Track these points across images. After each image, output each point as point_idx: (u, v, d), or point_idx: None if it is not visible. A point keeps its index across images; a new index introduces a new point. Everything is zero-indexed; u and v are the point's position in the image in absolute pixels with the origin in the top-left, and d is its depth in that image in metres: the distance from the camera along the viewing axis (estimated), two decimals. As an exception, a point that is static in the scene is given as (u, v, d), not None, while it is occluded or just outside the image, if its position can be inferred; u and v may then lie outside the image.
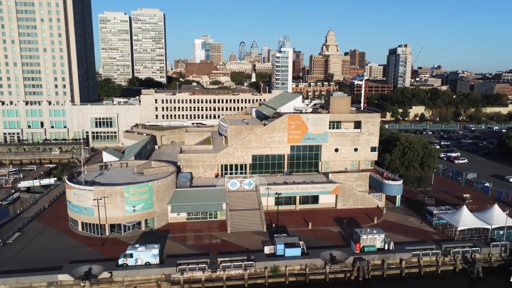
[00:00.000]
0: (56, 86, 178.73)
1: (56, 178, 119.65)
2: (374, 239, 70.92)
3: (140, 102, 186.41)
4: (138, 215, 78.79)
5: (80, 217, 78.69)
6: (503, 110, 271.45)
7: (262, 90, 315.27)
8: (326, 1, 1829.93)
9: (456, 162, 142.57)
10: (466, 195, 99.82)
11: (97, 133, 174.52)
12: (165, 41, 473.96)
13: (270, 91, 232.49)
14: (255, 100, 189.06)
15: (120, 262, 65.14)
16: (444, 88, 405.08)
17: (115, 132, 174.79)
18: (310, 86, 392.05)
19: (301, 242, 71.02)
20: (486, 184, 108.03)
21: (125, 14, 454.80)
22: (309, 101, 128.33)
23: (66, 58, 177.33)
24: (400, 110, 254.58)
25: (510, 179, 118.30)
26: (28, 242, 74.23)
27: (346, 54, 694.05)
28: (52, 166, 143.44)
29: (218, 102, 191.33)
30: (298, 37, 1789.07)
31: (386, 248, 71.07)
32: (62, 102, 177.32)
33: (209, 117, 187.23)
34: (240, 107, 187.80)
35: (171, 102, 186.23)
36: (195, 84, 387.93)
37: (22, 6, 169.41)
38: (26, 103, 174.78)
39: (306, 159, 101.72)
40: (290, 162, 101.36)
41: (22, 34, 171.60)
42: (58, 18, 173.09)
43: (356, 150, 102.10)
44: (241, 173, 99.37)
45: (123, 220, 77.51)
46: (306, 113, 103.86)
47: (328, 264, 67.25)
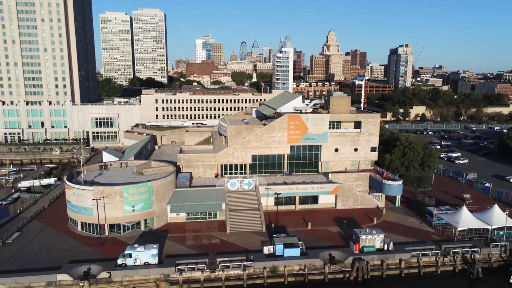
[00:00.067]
0: (56, 86, 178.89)
1: (56, 178, 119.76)
2: (374, 240, 70.77)
3: (140, 102, 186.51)
4: (138, 215, 78.78)
5: (79, 217, 78.70)
6: (504, 110, 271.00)
7: (263, 90, 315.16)
8: (327, 1, 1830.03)
9: (456, 162, 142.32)
10: (466, 195, 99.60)
11: (97, 133, 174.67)
12: (166, 41, 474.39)
13: (271, 91, 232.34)
14: (256, 100, 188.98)
15: (119, 262, 65.13)
16: (445, 88, 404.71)
17: (116, 132, 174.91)
18: (311, 86, 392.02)
19: (300, 242, 70.94)
20: (487, 184, 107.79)
21: (126, 14, 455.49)
22: (309, 101, 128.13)
23: (67, 58, 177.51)
24: (401, 110, 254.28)
25: (511, 179, 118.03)
26: (27, 242, 74.25)
27: (347, 54, 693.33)
28: (52, 166, 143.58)
29: (219, 102, 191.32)
30: (299, 37, 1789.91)
31: (385, 248, 70.90)
32: (63, 102, 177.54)
33: (209, 117, 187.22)
34: (240, 107, 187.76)
35: (172, 102, 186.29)
36: (196, 84, 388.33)
37: (22, 6, 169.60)
38: (27, 103, 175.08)
39: (306, 159, 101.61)
40: (290, 162, 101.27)
41: (22, 34, 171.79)
42: (59, 18, 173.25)
43: (356, 150, 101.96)
44: (240, 173, 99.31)
45: (123, 220, 77.50)
46: (306, 113, 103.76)
47: (327, 264, 67.15)
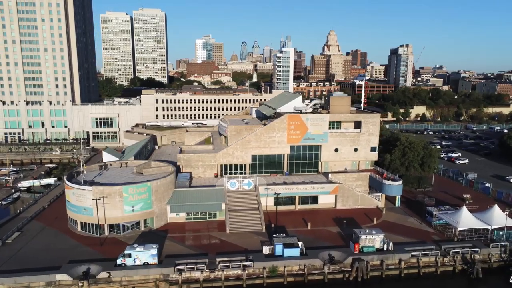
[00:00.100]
0: (57, 86, 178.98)
1: (56, 178, 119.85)
2: (373, 240, 70.71)
3: (140, 102, 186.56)
4: (137, 215, 78.78)
5: (79, 217, 78.73)
6: (505, 110, 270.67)
7: (263, 90, 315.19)
8: (328, 1, 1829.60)
9: (457, 162, 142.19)
10: (466, 196, 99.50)
11: (97, 133, 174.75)
12: (166, 41, 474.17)
13: (271, 91, 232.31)
14: (256, 100, 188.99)
15: (118, 262, 65.13)
16: (445, 88, 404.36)
17: (116, 132, 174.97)
18: (311, 86, 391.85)
19: (300, 242, 70.89)
20: (487, 184, 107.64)
21: (126, 14, 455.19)
22: (309, 101, 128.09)
23: (67, 58, 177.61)
24: (401, 110, 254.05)
25: (511, 180, 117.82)
26: (27, 242, 74.28)
27: (347, 54, 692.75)
28: (52, 166, 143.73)
29: (219, 102, 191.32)
30: (300, 37, 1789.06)
31: (385, 248, 70.83)
32: (63, 102, 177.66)
33: (209, 117, 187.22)
34: (240, 107, 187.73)
35: (172, 102, 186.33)
36: (197, 84, 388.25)
37: (23, 6, 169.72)
38: (27, 103, 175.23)
39: (305, 159, 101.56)
40: (290, 162, 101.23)
41: (23, 34, 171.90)
42: (59, 18, 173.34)
43: (356, 150, 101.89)
44: (240, 173, 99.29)
45: (122, 220, 77.50)
46: (306, 113, 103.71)
47: (326, 264, 67.09)
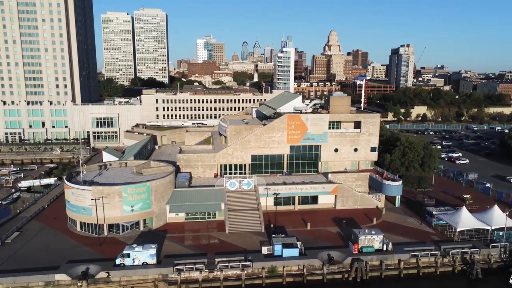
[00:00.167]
0: (57, 86, 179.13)
1: (56, 178, 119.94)
2: (373, 240, 70.58)
3: (141, 102, 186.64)
4: (136, 215, 78.77)
5: (78, 217, 78.75)
6: (506, 110, 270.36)
7: (264, 90, 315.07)
8: (330, 1, 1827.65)
9: (457, 162, 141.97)
10: (466, 196, 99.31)
11: (98, 133, 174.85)
12: (167, 41, 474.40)
13: (272, 91, 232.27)
14: (256, 100, 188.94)
15: (117, 262, 65.14)
16: (446, 88, 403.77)
17: (116, 132, 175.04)
18: (312, 86, 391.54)
19: (299, 242, 70.79)
20: (487, 184, 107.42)
21: (127, 14, 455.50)
22: (309, 101, 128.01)
23: (67, 58, 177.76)
24: (402, 110, 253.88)
25: (511, 180, 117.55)
26: (26, 242, 74.30)
27: (348, 54, 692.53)
28: (52, 165, 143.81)
29: (219, 102, 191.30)
30: (301, 37, 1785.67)
31: (384, 248, 70.71)
32: (63, 102, 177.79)
33: (210, 117, 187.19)
34: (241, 107, 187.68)
35: (172, 102, 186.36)
36: (197, 84, 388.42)
37: (23, 6, 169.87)
38: (28, 103, 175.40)
39: (305, 159, 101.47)
40: (290, 162, 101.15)
41: (23, 34, 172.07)
42: (60, 18, 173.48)
43: (356, 150, 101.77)
44: (240, 173, 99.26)
45: (121, 220, 77.48)
46: (306, 113, 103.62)
47: (326, 264, 67.00)
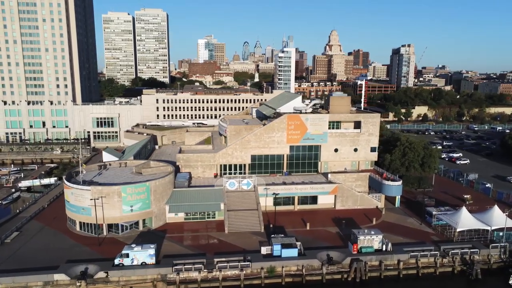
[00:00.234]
0: (58, 86, 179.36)
1: (56, 178, 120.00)
2: (372, 240, 70.44)
3: (141, 102, 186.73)
4: (136, 215, 78.75)
5: (78, 216, 78.77)
6: (507, 110, 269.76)
7: (265, 90, 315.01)
8: (331, 1, 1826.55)
9: (458, 162, 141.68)
10: (466, 196, 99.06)
11: (98, 133, 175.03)
12: (168, 41, 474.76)
13: (272, 91, 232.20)
14: (256, 100, 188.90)
15: (116, 262, 65.10)
16: (447, 88, 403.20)
17: (117, 132, 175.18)
18: (312, 86, 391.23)
19: (298, 242, 70.66)
20: (487, 185, 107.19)
21: (128, 14, 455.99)
22: (309, 101, 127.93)
23: (68, 58, 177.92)
24: (402, 110, 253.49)
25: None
26: (26, 242, 74.33)
27: (349, 54, 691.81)
28: (53, 165, 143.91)
29: (219, 102, 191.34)
30: (302, 37, 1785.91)
31: (383, 249, 70.56)
32: (64, 102, 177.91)
33: (210, 117, 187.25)
34: (241, 107, 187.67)
35: (172, 102, 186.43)
36: (198, 84, 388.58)
37: (24, 6, 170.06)
38: (28, 103, 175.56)
39: (305, 159, 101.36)
40: (289, 162, 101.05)
41: (24, 34, 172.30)
42: (60, 18, 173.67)
43: (355, 150, 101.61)
44: (240, 173, 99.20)
45: (121, 220, 77.47)
46: (306, 113, 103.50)
47: (325, 265, 66.88)
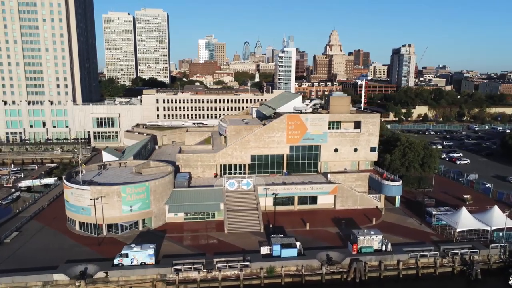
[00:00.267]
0: (58, 86, 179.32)
1: (56, 178, 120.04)
2: (371, 240, 70.38)
3: (141, 102, 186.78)
4: (135, 215, 78.75)
5: (77, 216, 78.80)
6: (508, 110, 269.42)
7: (265, 90, 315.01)
8: (332, 1, 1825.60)
9: (458, 162, 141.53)
10: (466, 196, 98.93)
11: (98, 133, 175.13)
12: (168, 41, 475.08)
13: (272, 91, 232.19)
14: (257, 100, 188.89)
15: (115, 262, 65.10)
16: (448, 88, 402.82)
17: (117, 132, 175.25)
18: (313, 86, 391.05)
19: (297, 242, 70.60)
20: (488, 185, 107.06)
21: (129, 14, 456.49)
22: (309, 101, 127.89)
23: (68, 58, 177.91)
24: (403, 110, 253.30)
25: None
26: (25, 242, 74.36)
27: (350, 54, 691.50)
28: (53, 165, 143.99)
29: (220, 102, 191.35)
30: (303, 37, 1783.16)
31: (383, 249, 70.49)
32: (64, 102, 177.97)
33: (210, 117, 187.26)
34: (241, 107, 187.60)
35: (173, 102, 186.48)
36: (198, 84, 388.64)
37: (24, 6, 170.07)
38: (28, 103, 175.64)
39: (305, 159, 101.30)
40: (289, 162, 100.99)
41: (24, 34, 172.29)
42: (60, 18, 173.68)
43: (355, 150, 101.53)
44: (240, 173, 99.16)
45: (120, 220, 77.48)
46: (306, 113, 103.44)
47: (324, 265, 66.83)
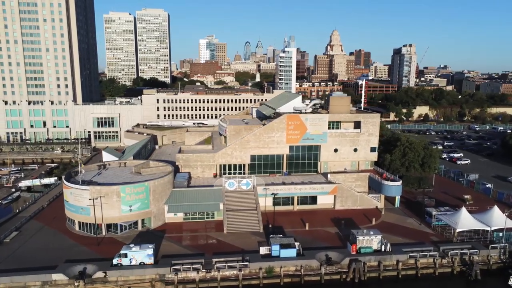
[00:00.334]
0: (58, 86, 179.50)
1: (56, 178, 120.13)
2: (371, 240, 70.27)
3: (141, 102, 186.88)
4: (135, 215, 78.73)
5: (77, 216, 78.82)
6: (509, 111, 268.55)
7: (266, 90, 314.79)
8: (332, 1, 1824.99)
9: (458, 163, 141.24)
10: (466, 196, 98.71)
11: (99, 132, 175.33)
12: (169, 41, 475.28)
13: (273, 91, 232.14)
14: (257, 100, 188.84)
15: (114, 262, 65.09)
16: (449, 88, 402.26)
17: (117, 132, 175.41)
18: (314, 86, 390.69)
19: (297, 243, 70.53)
20: (488, 185, 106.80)
21: (129, 14, 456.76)
22: (309, 101, 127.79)
23: (69, 58, 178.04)
24: (404, 110, 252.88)
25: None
26: (25, 241, 74.41)
27: (351, 54, 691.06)
28: (53, 165, 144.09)
29: (220, 102, 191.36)
30: (304, 37, 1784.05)
31: (382, 249, 70.38)
32: (65, 102, 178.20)
33: (210, 117, 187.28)
34: (241, 107, 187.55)
35: (173, 102, 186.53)
36: (199, 84, 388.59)
37: (25, 7, 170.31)
38: (29, 103, 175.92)
39: (305, 160, 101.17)
40: (289, 163, 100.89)
41: (25, 34, 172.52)
42: (61, 18, 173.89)
43: (355, 150, 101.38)
44: (239, 173, 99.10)
45: (120, 220, 77.47)
46: (306, 113, 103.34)
47: (323, 265, 66.73)
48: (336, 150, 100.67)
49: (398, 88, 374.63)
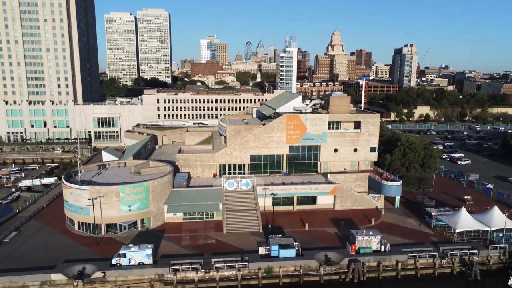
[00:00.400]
0: (59, 86, 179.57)
1: (57, 178, 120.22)
2: (370, 241, 70.15)
3: (142, 102, 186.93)
4: (134, 215, 78.72)
5: (76, 216, 78.86)
6: (510, 111, 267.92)
7: (266, 90, 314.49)
8: (333, 1, 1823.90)
9: (459, 163, 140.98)
10: (467, 197, 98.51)
11: (99, 132, 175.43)
12: (170, 41, 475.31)
13: (273, 91, 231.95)
14: (257, 100, 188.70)
15: (113, 262, 65.10)
16: (450, 88, 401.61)
17: (117, 132, 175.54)
18: (314, 86, 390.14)
19: (296, 243, 70.44)
20: (488, 185, 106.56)
21: (130, 14, 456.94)
22: (309, 101, 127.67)
23: (69, 58, 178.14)
24: (404, 110, 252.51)
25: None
26: (24, 241, 74.47)
27: (352, 54, 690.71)
28: (53, 165, 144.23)
29: (220, 102, 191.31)
30: (305, 37, 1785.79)
31: (382, 249, 70.25)
32: (65, 102, 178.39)
33: (211, 117, 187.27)
34: (242, 107, 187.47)
35: (173, 102, 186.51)
36: (200, 84, 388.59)
37: (25, 7, 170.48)
38: (29, 103, 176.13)
39: (305, 160, 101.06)
40: (289, 163, 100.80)
41: (25, 34, 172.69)
42: (61, 18, 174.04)
43: (355, 150, 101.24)
44: (239, 173, 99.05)
45: (119, 219, 77.47)
46: (306, 113, 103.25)
47: (322, 265, 66.62)
48: (336, 150, 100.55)
49: (399, 88, 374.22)
